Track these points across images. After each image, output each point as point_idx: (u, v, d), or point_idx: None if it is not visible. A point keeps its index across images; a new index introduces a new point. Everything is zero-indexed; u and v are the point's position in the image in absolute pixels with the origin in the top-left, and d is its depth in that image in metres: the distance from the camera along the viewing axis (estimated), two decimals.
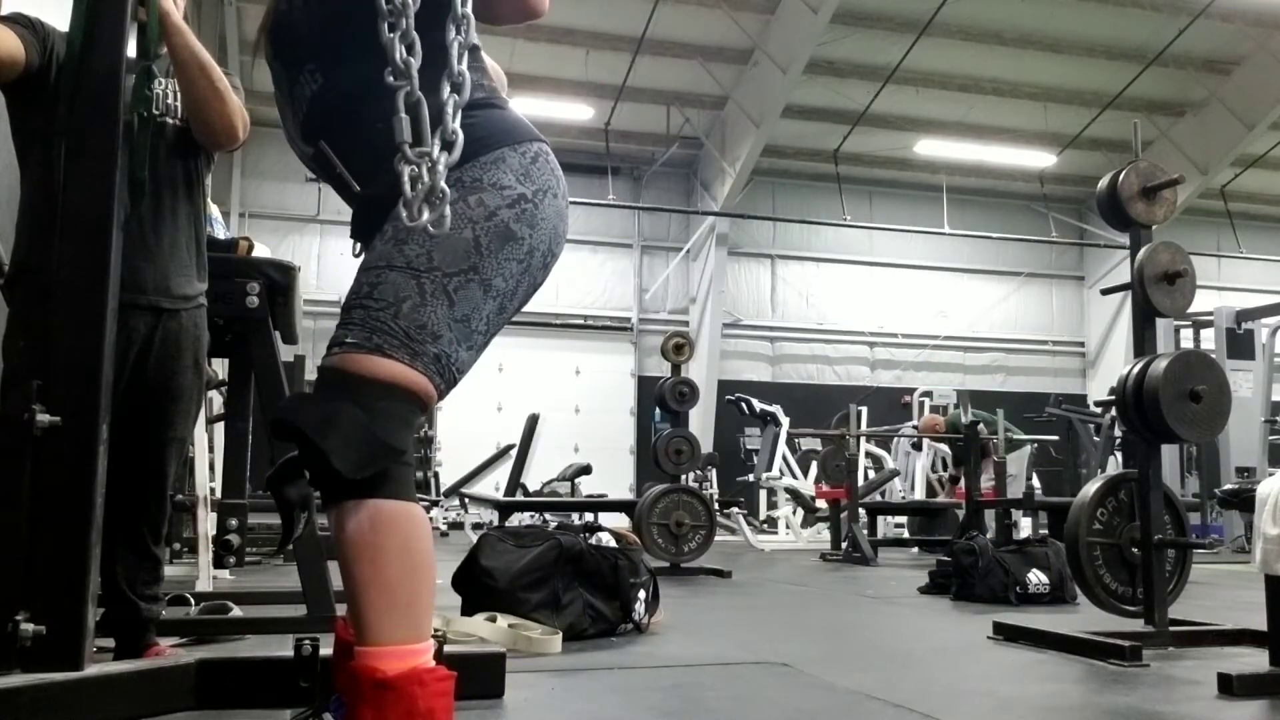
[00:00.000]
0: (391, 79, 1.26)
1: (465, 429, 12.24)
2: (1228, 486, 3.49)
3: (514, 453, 10.08)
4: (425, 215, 1.24)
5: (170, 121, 2.41)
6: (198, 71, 2.26)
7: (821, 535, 9.06)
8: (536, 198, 1.44)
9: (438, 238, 1.36)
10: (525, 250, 1.43)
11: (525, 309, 1.53)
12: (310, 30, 1.48)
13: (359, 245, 1.73)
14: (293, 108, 1.54)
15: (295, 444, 1.29)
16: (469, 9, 1.30)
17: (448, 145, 1.27)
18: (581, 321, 14.87)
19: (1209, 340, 10.05)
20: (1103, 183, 3.38)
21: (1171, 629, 3.12)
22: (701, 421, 12.77)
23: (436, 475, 10.40)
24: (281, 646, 2.06)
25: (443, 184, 1.25)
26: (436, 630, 1.41)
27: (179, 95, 2.38)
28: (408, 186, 1.23)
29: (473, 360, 1.42)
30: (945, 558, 4.93)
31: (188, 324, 2.43)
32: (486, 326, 1.42)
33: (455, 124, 1.27)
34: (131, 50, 1.99)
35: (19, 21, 2.23)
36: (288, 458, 1.37)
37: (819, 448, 10.28)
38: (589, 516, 7.46)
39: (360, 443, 1.27)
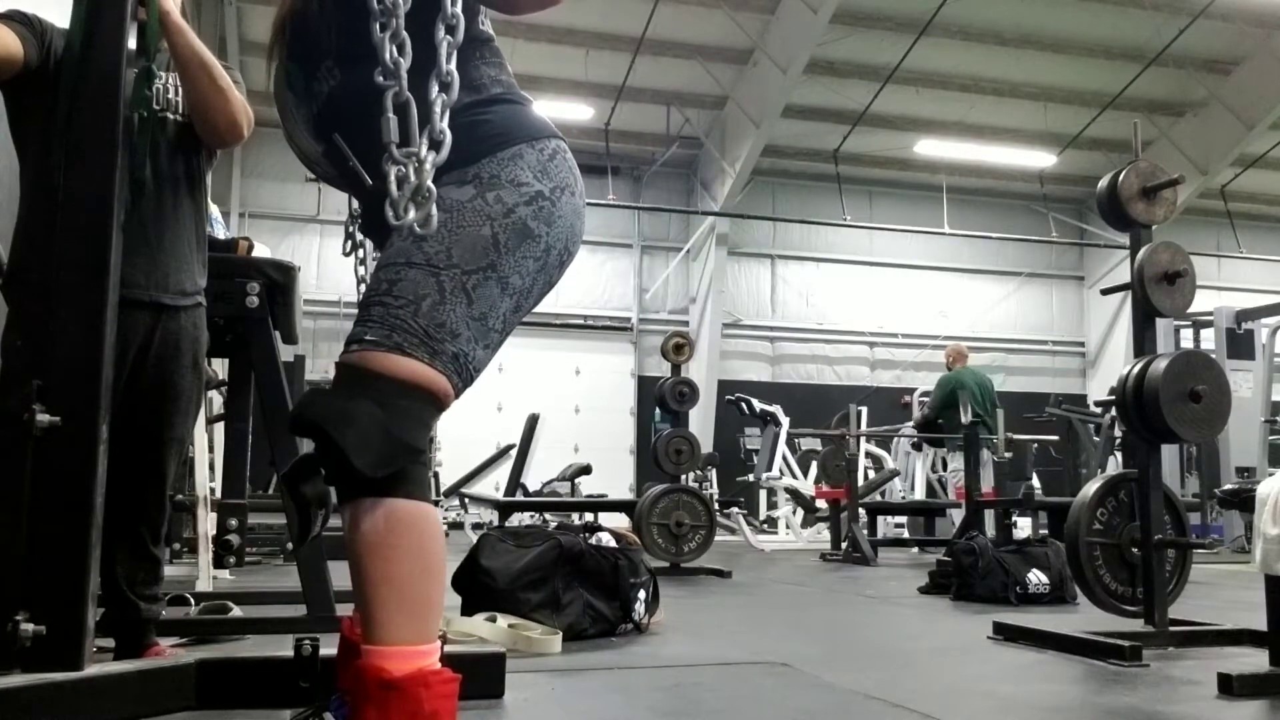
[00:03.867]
0: (381, 79, 1.26)
1: (465, 429, 12.22)
2: (1228, 486, 3.49)
3: (514, 453, 10.07)
4: (411, 214, 1.24)
5: (171, 117, 2.41)
6: (199, 69, 2.26)
7: (821, 535, 9.05)
8: (554, 195, 1.44)
9: (457, 236, 1.36)
10: (542, 248, 1.43)
11: None
12: (329, 27, 1.48)
13: (349, 244, 1.73)
14: (307, 104, 1.54)
15: (313, 440, 1.29)
16: (459, 9, 1.30)
17: (435, 145, 1.27)
18: (581, 321, 14.87)
19: (1209, 340, 10.04)
20: (1103, 183, 3.38)
21: (1171, 629, 3.12)
22: (701, 421, 12.76)
23: (436, 475, 10.38)
24: (281, 646, 2.05)
25: (429, 183, 1.25)
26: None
27: (180, 92, 2.38)
28: (394, 187, 1.23)
29: (488, 359, 1.42)
30: (945, 558, 4.93)
31: (186, 324, 2.43)
32: (503, 325, 1.42)
33: (443, 123, 1.27)
34: (131, 47, 1.99)
35: (17, 19, 2.23)
36: (304, 455, 1.37)
37: (819, 448, 10.27)
38: (589, 516, 7.45)
39: (379, 441, 1.27)
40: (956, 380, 8.46)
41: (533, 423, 10.26)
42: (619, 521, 7.39)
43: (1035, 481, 8.91)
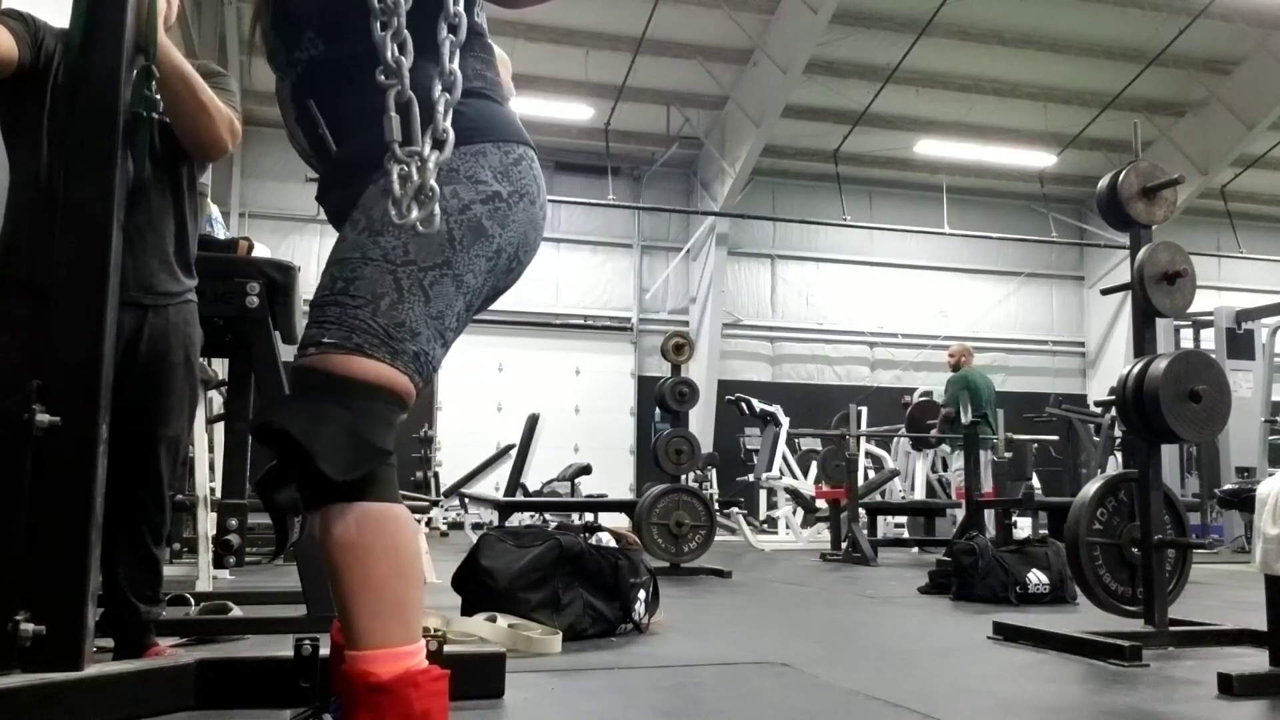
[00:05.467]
0: (383, 78, 1.25)
1: (465, 429, 12.25)
2: (1228, 486, 3.49)
3: (514, 453, 10.08)
4: (414, 214, 1.23)
5: (155, 117, 2.39)
6: (180, 84, 2.21)
7: (821, 535, 9.05)
8: (511, 199, 1.42)
9: (414, 230, 1.34)
10: (494, 249, 1.41)
11: (525, 309, 1.53)
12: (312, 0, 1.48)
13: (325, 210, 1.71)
14: (288, 74, 1.52)
15: (278, 448, 1.26)
16: (460, 7, 1.30)
17: (439, 144, 1.26)
18: (581, 321, 14.86)
19: (1209, 340, 10.05)
20: (1103, 183, 3.38)
21: (1171, 629, 3.13)
22: (701, 421, 12.76)
23: (436, 475, 10.40)
24: (281, 646, 2.05)
25: (432, 182, 1.24)
26: (437, 630, 1.41)
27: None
28: (396, 185, 1.23)
29: (443, 357, 1.41)
30: (945, 558, 4.93)
31: (176, 320, 2.40)
32: (456, 324, 1.40)
33: (446, 123, 1.26)
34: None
35: (12, 16, 2.23)
36: (275, 462, 1.36)
37: (819, 448, 10.27)
38: (589, 516, 7.45)
39: (348, 445, 1.25)
40: (968, 379, 8.50)
41: (533, 423, 10.26)
42: (619, 521, 7.39)
43: (1035, 481, 8.91)
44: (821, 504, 9.05)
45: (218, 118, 2.30)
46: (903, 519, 9.75)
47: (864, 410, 10.54)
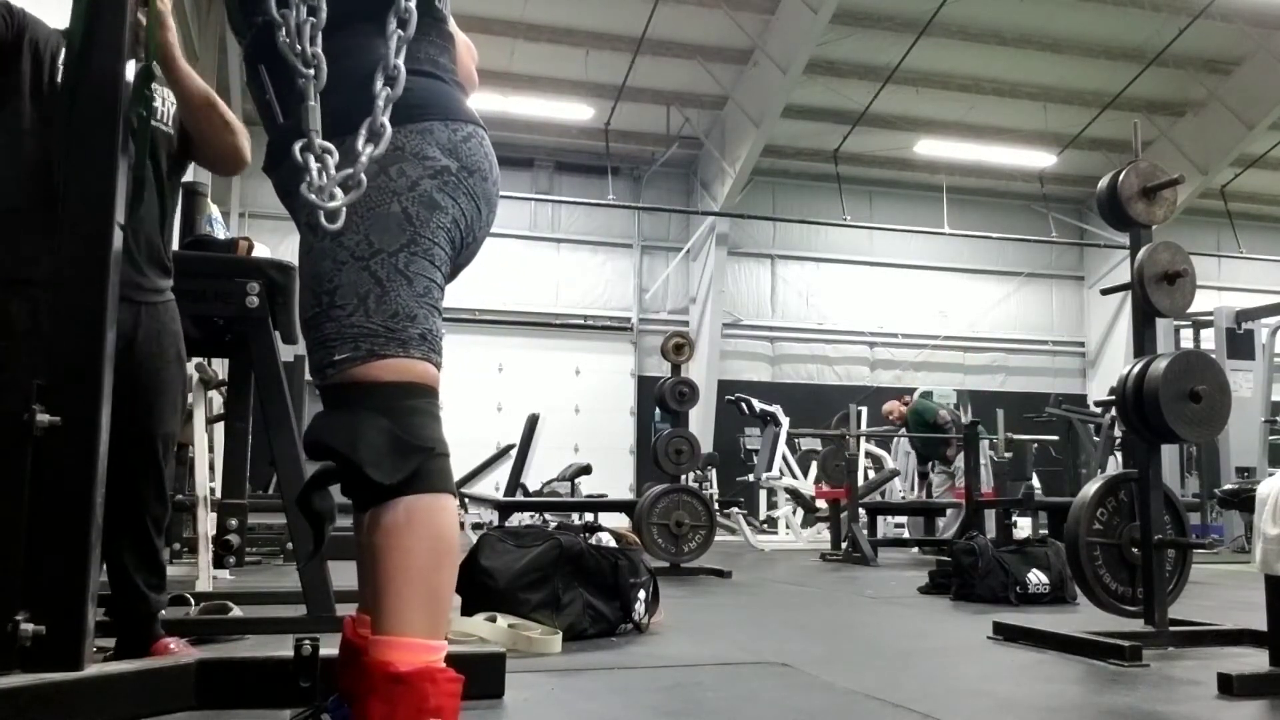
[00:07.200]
0: (300, 65, 1.25)
1: (465, 429, 12.22)
2: (1228, 486, 3.49)
3: (514, 453, 10.08)
4: (335, 201, 1.24)
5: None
6: (210, 109, 2.34)
7: (821, 535, 9.05)
8: (460, 174, 1.43)
9: (370, 220, 1.35)
10: (450, 220, 1.41)
11: (525, 309, 1.53)
12: None
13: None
14: (245, 36, 1.53)
15: (332, 461, 1.31)
16: (412, 3, 1.30)
17: (374, 137, 1.26)
18: (581, 321, 14.87)
19: (1209, 340, 10.05)
20: (1103, 183, 3.38)
21: (1171, 629, 3.12)
22: (701, 421, 12.76)
23: None
24: (281, 646, 2.05)
25: (362, 175, 1.24)
26: None
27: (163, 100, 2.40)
28: (315, 175, 1.23)
29: (442, 327, 1.43)
30: (945, 558, 4.93)
31: (165, 318, 2.45)
32: (441, 295, 1.42)
33: (384, 117, 1.27)
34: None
35: None
36: (314, 474, 1.39)
37: (819, 448, 10.27)
38: (589, 516, 7.45)
39: (391, 448, 1.29)
40: (917, 410, 8.84)
41: (533, 423, 10.26)
42: (619, 521, 7.39)
43: (1035, 481, 8.92)
44: (821, 504, 9.05)
45: (241, 133, 2.42)
46: (903, 519, 9.76)
47: (864, 410, 10.54)
